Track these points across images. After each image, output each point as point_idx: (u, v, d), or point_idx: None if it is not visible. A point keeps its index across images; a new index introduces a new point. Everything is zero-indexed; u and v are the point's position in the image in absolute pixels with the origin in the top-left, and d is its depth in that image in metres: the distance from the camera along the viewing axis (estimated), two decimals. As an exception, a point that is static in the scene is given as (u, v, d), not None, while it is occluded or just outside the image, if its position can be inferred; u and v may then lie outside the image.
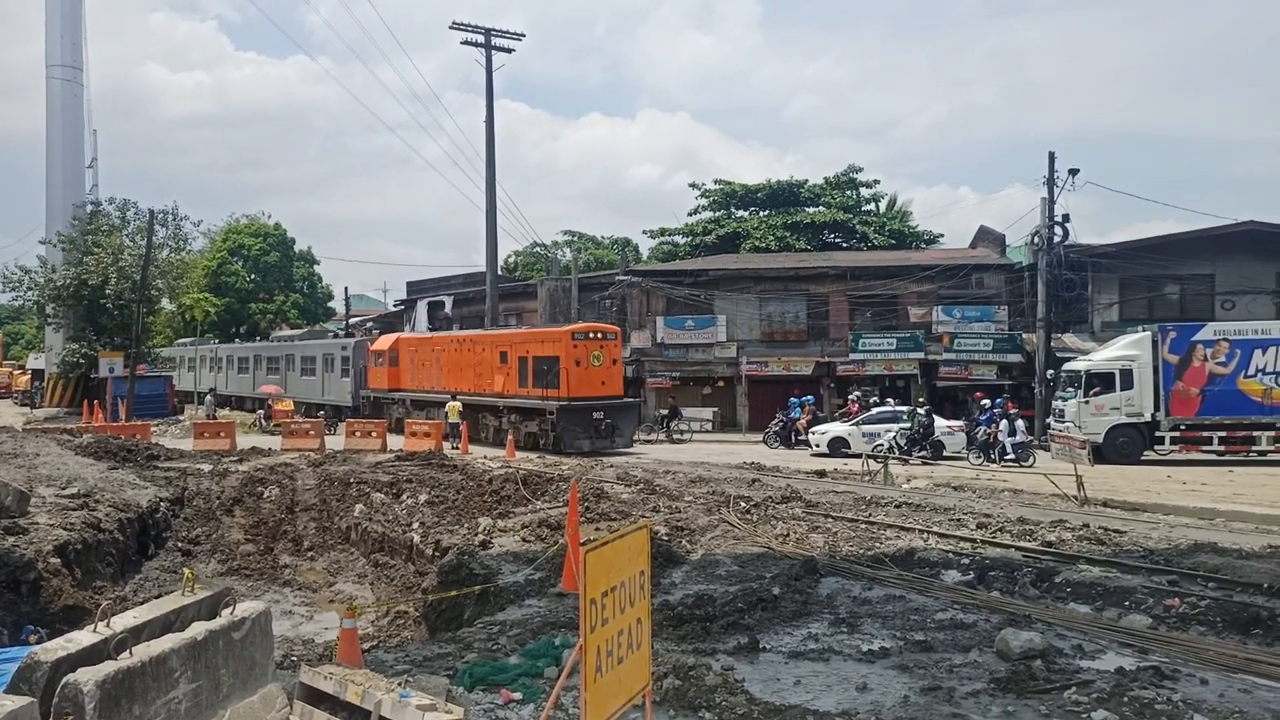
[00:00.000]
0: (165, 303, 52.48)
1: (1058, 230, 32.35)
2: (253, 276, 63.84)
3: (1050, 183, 31.98)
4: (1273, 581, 9.91)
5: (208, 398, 41.60)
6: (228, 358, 51.17)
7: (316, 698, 5.54)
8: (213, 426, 29.33)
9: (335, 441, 28.03)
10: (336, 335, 47.34)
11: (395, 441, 27.20)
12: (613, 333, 28.34)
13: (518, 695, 7.03)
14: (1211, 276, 34.30)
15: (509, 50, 38.31)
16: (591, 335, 27.25)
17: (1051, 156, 32.09)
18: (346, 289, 68.75)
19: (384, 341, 36.41)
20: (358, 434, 27.49)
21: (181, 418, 40.09)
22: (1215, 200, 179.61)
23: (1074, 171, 31.87)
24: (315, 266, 68.07)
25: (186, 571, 6.60)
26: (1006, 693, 7.13)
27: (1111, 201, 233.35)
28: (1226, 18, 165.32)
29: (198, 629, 5.33)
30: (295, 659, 10.04)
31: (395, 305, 63.90)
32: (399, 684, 5.36)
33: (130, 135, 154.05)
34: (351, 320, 64.73)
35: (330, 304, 70.43)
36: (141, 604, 6.70)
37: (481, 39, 37.60)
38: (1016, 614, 9.21)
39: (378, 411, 35.18)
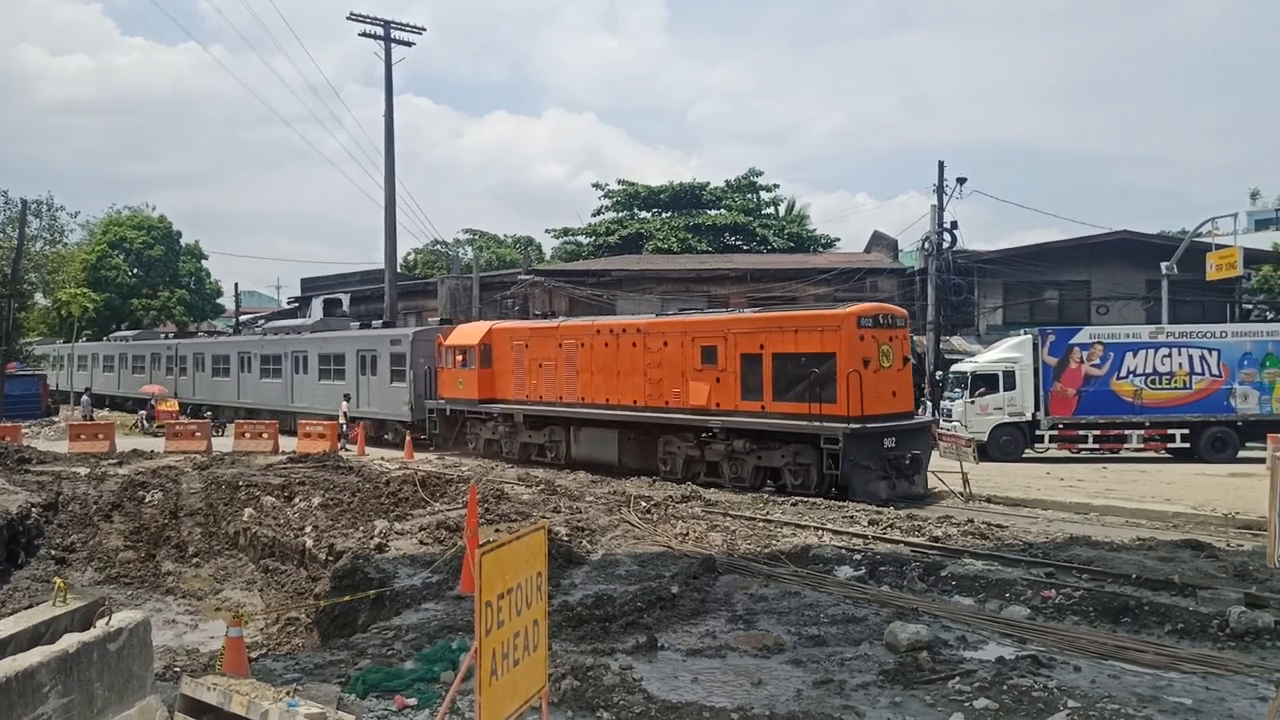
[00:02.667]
0: (39, 298, 49.71)
1: (947, 237, 33.59)
2: (135, 271, 60.97)
3: (940, 191, 33.22)
4: (1141, 572, 10.50)
5: (84, 398, 39.55)
6: (194, 356, 40.26)
7: (199, 710, 5.33)
8: (90, 428, 27.94)
9: (223, 443, 27.05)
10: (367, 325, 33.69)
11: (288, 443, 26.42)
12: (902, 317, 18.75)
13: (413, 701, 6.92)
14: (1088, 283, 36.14)
15: (409, 44, 37.59)
16: (881, 320, 17.83)
17: (941, 166, 33.37)
18: (236, 285, 66.58)
19: (467, 332, 25.88)
20: (247, 435, 26.61)
21: (56, 419, 38.05)
22: (1092, 211, 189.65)
23: (962, 180, 33.18)
24: (203, 261, 65.45)
25: (58, 581, 6.28)
26: (895, 684, 7.36)
27: (999, 210, 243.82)
28: (1104, 41, 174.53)
29: (69, 641, 5.07)
30: (178, 670, 9.68)
31: (289, 302, 62.13)
32: (287, 693, 5.20)
33: (2, 121, 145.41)
34: (242, 317, 62.65)
35: (219, 300, 67.88)
36: (9, 615, 6.33)
37: (380, 31, 36.84)
38: (905, 607, 9.52)
39: (454, 429, 25.49)
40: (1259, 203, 63.19)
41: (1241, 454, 23.93)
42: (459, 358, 25.03)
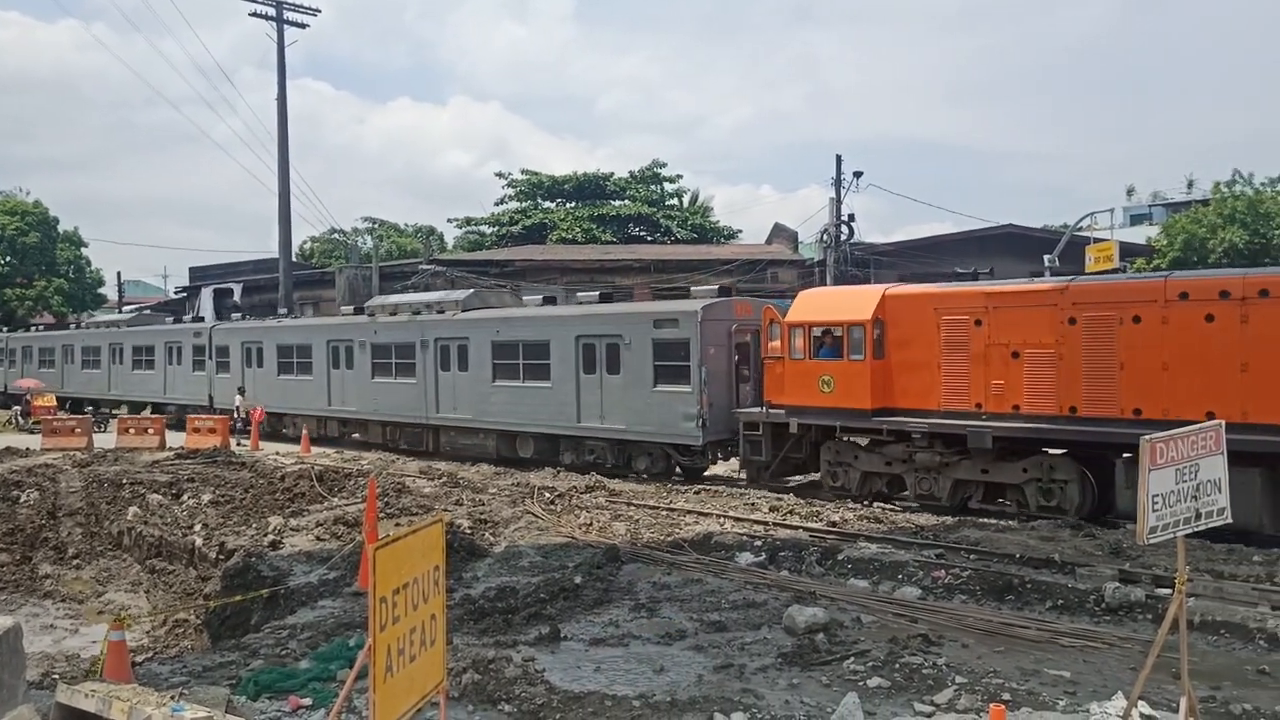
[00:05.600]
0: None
1: (845, 229, 34.36)
2: (7, 259, 57.63)
3: (838, 184, 33.95)
4: (1024, 552, 10.97)
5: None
6: (246, 347, 28.51)
7: (76, 718, 5.09)
8: (-42, 425, 26.29)
9: (105, 440, 25.82)
10: (551, 299, 23.43)
11: (175, 439, 25.36)
12: None
13: (307, 701, 6.76)
14: (976, 274, 37.47)
15: (303, 25, 36.56)
16: None
17: (839, 159, 34.08)
18: (119, 274, 63.61)
19: (838, 302, 16.67)
20: (131, 431, 25.44)
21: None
22: (982, 204, 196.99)
23: (858, 174, 33.98)
24: (83, 249, 62.22)
25: (-82, 588, 5.90)
26: (793, 666, 7.53)
27: (895, 203, 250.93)
28: (998, 41, 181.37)
29: (-70, 651, 4.77)
30: (55, 677, 9.22)
31: (177, 292, 59.60)
32: (172, 697, 5.01)
33: None
34: (126, 308, 59.88)
35: (101, 290, 64.68)
36: None
37: (272, 11, 35.68)
38: (803, 591, 9.73)
39: (781, 451, 16.46)
40: (1134, 198, 66.69)
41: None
42: (818, 342, 15.86)
